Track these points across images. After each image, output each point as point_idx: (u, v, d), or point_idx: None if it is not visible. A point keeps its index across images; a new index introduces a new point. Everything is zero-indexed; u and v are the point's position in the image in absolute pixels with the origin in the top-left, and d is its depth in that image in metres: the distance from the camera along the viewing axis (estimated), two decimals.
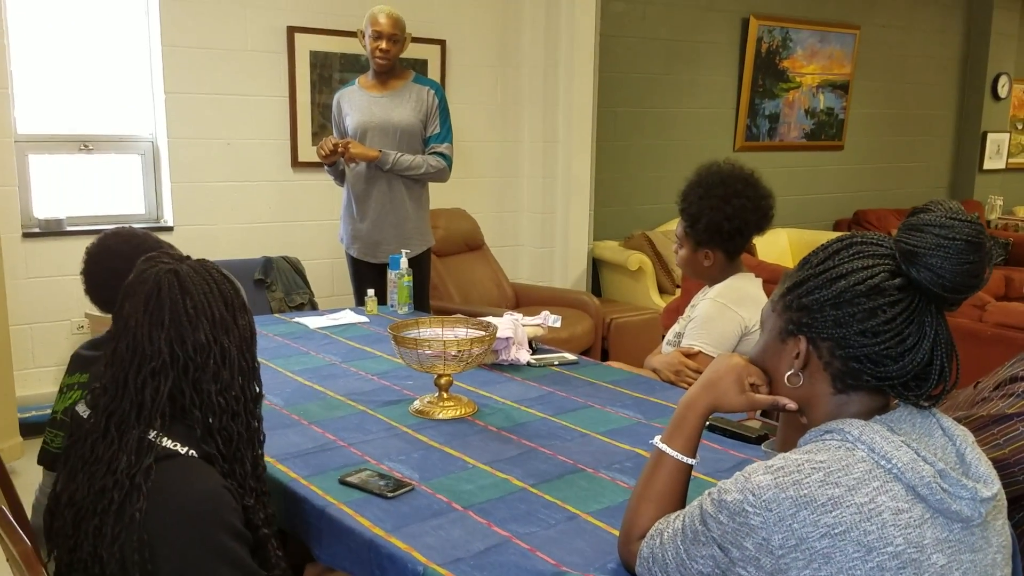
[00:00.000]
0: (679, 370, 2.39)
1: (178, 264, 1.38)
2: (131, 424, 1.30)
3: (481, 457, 1.80)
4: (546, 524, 1.49)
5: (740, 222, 2.36)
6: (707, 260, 2.44)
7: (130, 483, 1.25)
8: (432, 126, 3.71)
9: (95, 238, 2.00)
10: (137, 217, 4.32)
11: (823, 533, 1.03)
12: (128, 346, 1.32)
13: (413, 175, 3.67)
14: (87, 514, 1.27)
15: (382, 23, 3.56)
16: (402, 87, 3.69)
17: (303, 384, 2.32)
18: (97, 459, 1.30)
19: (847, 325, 1.12)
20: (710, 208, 2.35)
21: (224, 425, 1.35)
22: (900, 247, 1.12)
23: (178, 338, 1.32)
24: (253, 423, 1.42)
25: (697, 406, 1.28)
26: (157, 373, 1.31)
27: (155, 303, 1.33)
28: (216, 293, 1.37)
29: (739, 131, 6.36)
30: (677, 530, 1.16)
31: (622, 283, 5.47)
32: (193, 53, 4.19)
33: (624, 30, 5.66)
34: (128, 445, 1.28)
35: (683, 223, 2.45)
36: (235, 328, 1.39)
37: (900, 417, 1.14)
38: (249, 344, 1.43)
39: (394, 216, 3.71)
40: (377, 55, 3.59)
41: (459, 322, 2.30)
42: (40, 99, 4.06)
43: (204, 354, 1.33)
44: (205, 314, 1.34)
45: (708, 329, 2.37)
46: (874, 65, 7.07)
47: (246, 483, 1.37)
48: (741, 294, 2.39)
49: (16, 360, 3.68)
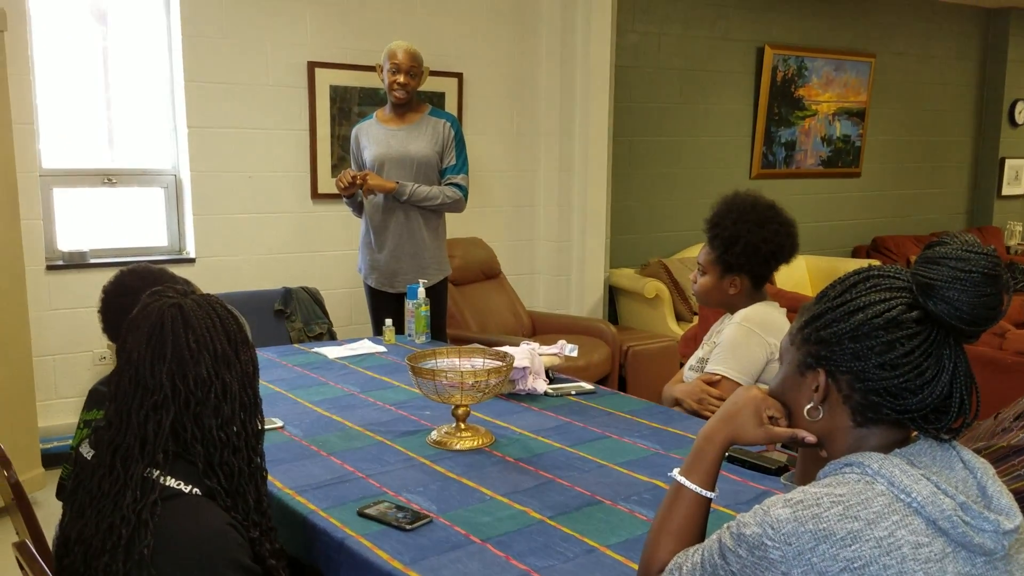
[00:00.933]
0: (701, 399, 2.37)
1: (182, 298, 1.38)
2: (135, 458, 1.30)
3: (499, 488, 1.80)
4: (564, 557, 1.48)
5: (775, 246, 2.36)
6: (733, 288, 2.42)
7: (136, 519, 1.25)
8: (448, 158, 3.75)
9: (112, 276, 2.01)
10: (160, 249, 4.37)
11: (842, 567, 1.02)
12: (131, 379, 1.33)
13: (430, 206, 3.71)
14: (97, 552, 1.28)
15: (400, 58, 3.61)
16: (419, 120, 3.74)
17: (322, 415, 2.33)
18: (104, 495, 1.30)
19: (866, 358, 1.12)
20: (747, 231, 2.34)
21: (225, 460, 1.35)
22: (917, 280, 1.12)
23: (180, 372, 1.32)
24: (255, 459, 1.41)
25: (716, 439, 1.28)
26: (159, 407, 1.31)
27: (158, 337, 1.33)
28: (219, 328, 1.37)
29: (755, 159, 6.37)
30: (696, 564, 1.16)
31: (639, 311, 5.47)
32: (215, 88, 4.26)
33: (639, 60, 5.71)
34: (133, 480, 1.28)
35: (714, 249, 2.41)
36: (237, 363, 1.39)
37: (920, 450, 1.13)
38: (251, 379, 1.42)
39: (411, 246, 3.74)
40: (395, 88, 3.64)
41: (476, 352, 2.31)
42: (64, 134, 4.13)
43: (205, 388, 1.34)
44: (207, 348, 1.35)
45: (734, 354, 2.35)
46: (890, 92, 7.07)
47: (249, 518, 1.37)
48: (768, 319, 2.37)
49: (39, 391, 3.72)
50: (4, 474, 1.73)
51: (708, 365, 2.42)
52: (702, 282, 2.47)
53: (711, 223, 2.42)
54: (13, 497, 1.73)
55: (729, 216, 2.38)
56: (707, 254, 2.44)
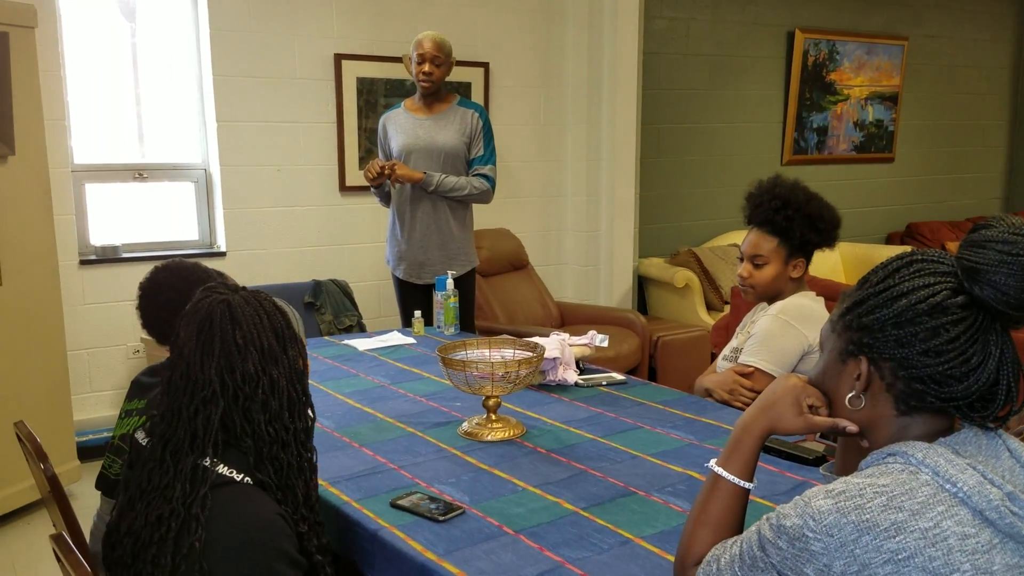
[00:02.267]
0: (733, 389, 2.34)
1: (231, 295, 1.40)
2: (185, 452, 1.31)
3: (531, 480, 1.79)
4: (599, 549, 1.47)
5: (828, 214, 2.37)
6: (797, 270, 2.39)
7: (186, 512, 1.26)
8: (476, 148, 3.73)
9: (147, 273, 2.03)
10: (191, 243, 4.40)
11: (886, 559, 1.00)
12: (182, 375, 1.35)
13: (457, 196, 3.70)
14: (145, 543, 1.29)
15: (426, 47, 3.60)
16: (447, 110, 3.72)
17: (353, 406, 2.34)
18: (153, 487, 1.32)
19: (909, 345, 1.09)
20: (802, 205, 2.33)
21: (275, 455, 1.36)
22: (962, 264, 1.09)
23: (228, 367, 1.34)
24: (305, 454, 1.43)
25: (754, 429, 1.25)
26: (208, 402, 1.32)
27: (207, 333, 1.35)
28: (266, 324, 1.39)
29: (787, 145, 6.29)
30: (735, 556, 1.14)
31: (669, 300, 5.42)
32: (243, 82, 4.28)
33: (667, 47, 5.65)
34: (183, 473, 1.30)
35: (775, 234, 2.35)
36: (284, 359, 1.40)
37: (965, 439, 1.10)
38: (300, 375, 1.43)
39: (439, 237, 3.73)
40: (421, 78, 3.63)
41: (506, 343, 2.30)
42: (96, 129, 4.17)
43: (253, 384, 1.35)
44: (254, 344, 1.36)
45: (768, 346, 2.32)
46: (923, 76, 6.95)
47: (298, 511, 1.38)
48: (805, 311, 2.34)
49: (74, 385, 3.77)
50: (41, 467, 1.75)
51: (742, 356, 2.38)
52: (764, 273, 2.38)
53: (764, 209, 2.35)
54: (50, 490, 1.75)
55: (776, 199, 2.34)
56: (767, 242, 2.37)
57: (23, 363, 3.35)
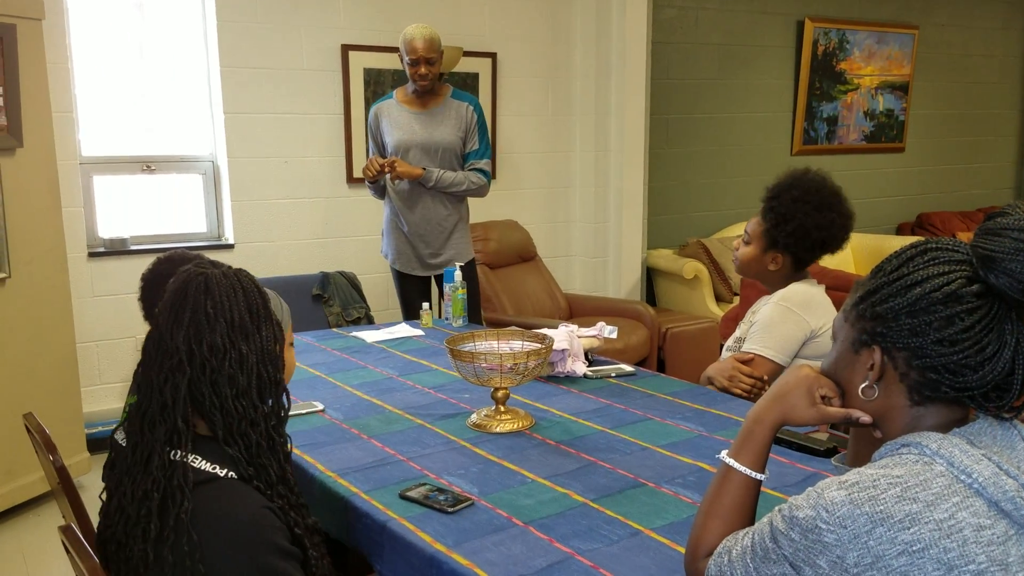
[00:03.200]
0: (732, 376, 2.33)
1: (211, 269, 1.40)
2: (157, 422, 1.31)
3: (540, 471, 1.78)
4: (608, 540, 1.46)
5: (827, 235, 2.30)
6: (773, 264, 2.38)
7: (167, 482, 1.26)
8: (471, 142, 3.72)
9: (149, 265, 2.03)
10: (199, 235, 4.40)
11: (901, 551, 0.99)
12: (154, 343, 1.35)
13: (455, 192, 3.70)
14: (133, 519, 1.29)
15: (419, 48, 3.54)
16: (441, 103, 3.70)
17: (362, 398, 2.33)
18: (136, 462, 1.32)
19: (923, 334, 1.08)
20: (803, 213, 2.28)
21: (243, 431, 1.34)
22: (977, 252, 1.07)
23: (196, 336, 1.33)
24: (276, 437, 1.40)
25: (766, 419, 1.24)
26: (175, 370, 1.32)
27: (180, 303, 1.34)
28: (240, 298, 1.37)
29: (796, 135, 6.25)
30: (746, 547, 1.13)
31: (677, 292, 5.41)
32: (251, 74, 4.27)
33: (676, 36, 5.62)
34: (159, 443, 1.30)
35: (765, 221, 2.35)
36: (257, 336, 1.38)
37: (980, 429, 1.09)
38: (273, 358, 1.41)
39: (437, 229, 3.74)
40: (417, 79, 3.61)
41: (515, 335, 2.29)
42: (103, 122, 4.17)
43: (219, 356, 1.33)
44: (224, 315, 1.35)
45: (770, 333, 2.31)
46: (934, 65, 6.89)
47: (274, 488, 1.36)
48: (806, 297, 2.33)
49: (83, 377, 3.78)
50: (50, 458, 1.75)
51: (744, 344, 2.38)
52: (744, 251, 2.43)
53: (770, 194, 2.35)
54: (59, 481, 1.75)
55: (791, 192, 2.31)
56: (757, 224, 2.39)
57: (33, 355, 3.35)
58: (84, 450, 3.60)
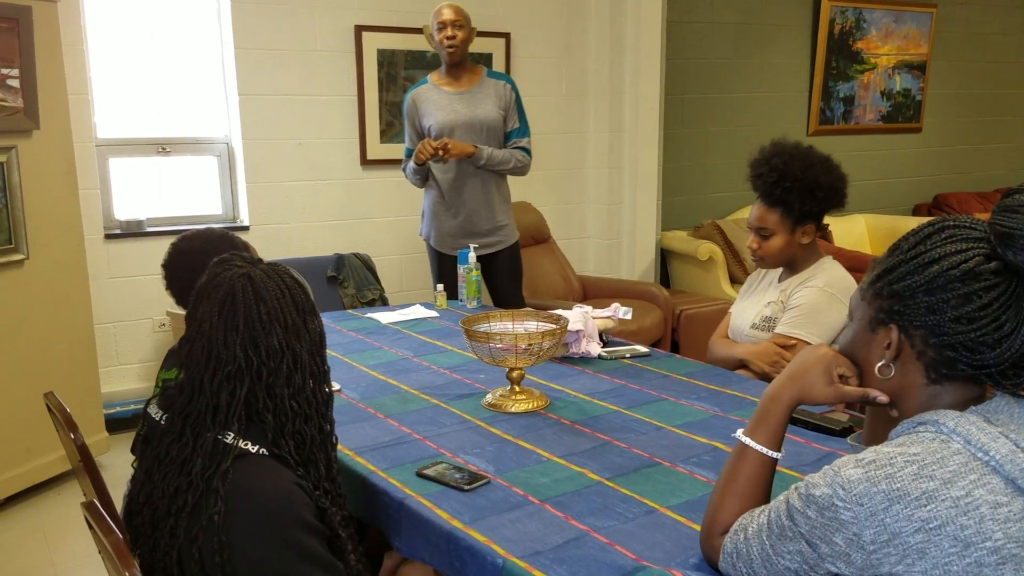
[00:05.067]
0: (776, 361, 2.32)
1: (251, 268, 1.39)
2: (206, 427, 1.31)
3: (555, 450, 1.79)
4: (624, 518, 1.47)
5: (844, 184, 2.33)
6: (806, 236, 2.37)
7: (205, 485, 1.27)
8: (512, 121, 3.72)
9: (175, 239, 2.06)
10: (214, 218, 4.42)
11: (917, 528, 0.99)
12: (203, 349, 1.34)
13: (503, 169, 3.70)
14: (163, 514, 1.30)
15: (445, 14, 3.59)
16: (479, 82, 3.69)
17: (377, 378, 2.35)
18: (171, 460, 1.32)
19: (941, 312, 1.07)
20: (823, 172, 2.29)
21: (297, 429, 1.37)
22: (995, 230, 1.07)
23: (252, 343, 1.33)
24: (325, 426, 1.43)
25: (782, 398, 1.24)
26: (232, 377, 1.32)
27: (229, 307, 1.34)
28: (288, 298, 1.38)
29: (812, 115, 6.21)
30: (762, 525, 1.14)
31: (692, 273, 5.39)
32: (264, 55, 4.27)
33: (691, 15, 5.57)
34: (203, 447, 1.30)
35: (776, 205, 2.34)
36: (306, 332, 1.40)
37: (997, 407, 1.09)
38: (319, 347, 1.43)
39: (486, 211, 3.73)
40: (445, 43, 3.60)
41: (529, 316, 2.30)
42: (118, 104, 4.18)
43: (277, 359, 1.35)
44: (278, 319, 1.35)
45: (814, 319, 2.30)
46: (952, 44, 6.81)
47: (320, 485, 1.38)
48: (847, 285, 2.33)
49: (101, 358, 3.81)
50: (71, 437, 1.77)
51: (784, 327, 2.36)
52: (772, 243, 2.38)
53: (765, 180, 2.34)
54: (80, 459, 1.77)
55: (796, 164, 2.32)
56: (768, 214, 2.37)
57: (51, 336, 3.39)
58: (103, 430, 3.64)
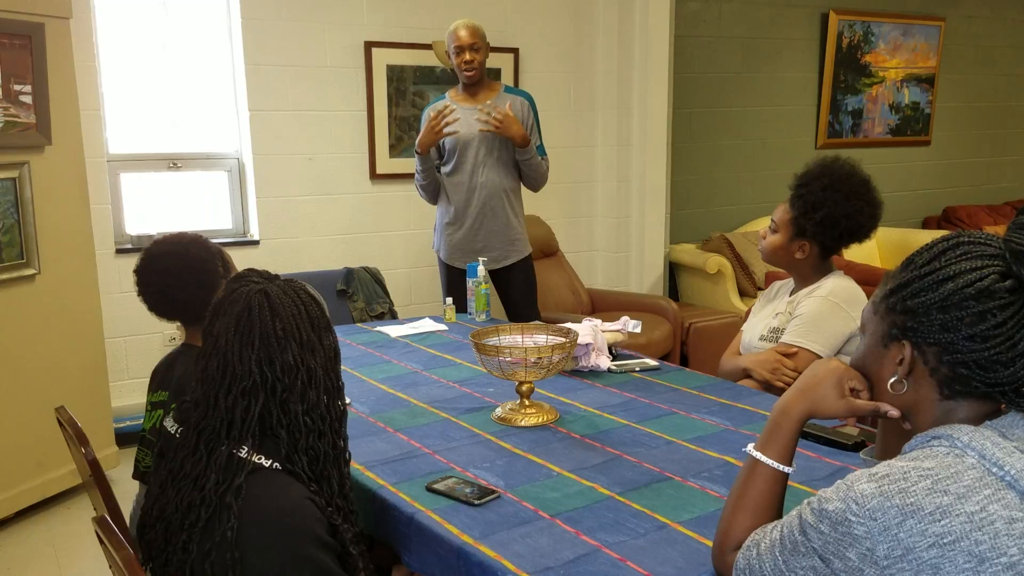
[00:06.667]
0: (775, 368, 2.31)
1: (268, 284, 1.39)
2: (221, 441, 1.32)
3: (565, 465, 1.79)
4: (635, 533, 1.46)
5: (855, 224, 2.30)
6: (800, 252, 2.37)
7: (218, 501, 1.27)
8: (532, 137, 3.71)
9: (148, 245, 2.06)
10: (225, 232, 4.44)
11: (931, 543, 0.98)
12: (219, 365, 1.34)
13: (536, 170, 3.71)
14: (176, 529, 1.30)
15: (463, 36, 3.59)
16: (496, 98, 3.70)
17: (387, 392, 2.35)
18: (185, 475, 1.33)
19: (955, 330, 1.07)
20: (832, 201, 2.27)
21: (311, 444, 1.37)
22: (1010, 247, 1.06)
23: (267, 359, 1.34)
24: (339, 442, 1.43)
25: (793, 412, 1.24)
26: (248, 393, 1.33)
27: (245, 323, 1.34)
28: (304, 315, 1.39)
29: (821, 128, 6.21)
30: (775, 540, 1.13)
31: (701, 287, 5.38)
32: (275, 71, 4.30)
33: (699, 29, 5.59)
34: (217, 462, 1.30)
35: (793, 209, 2.35)
36: (321, 349, 1.40)
37: (1012, 422, 1.08)
38: (333, 363, 1.44)
39: (496, 224, 3.73)
40: (463, 67, 3.62)
41: (539, 329, 2.30)
42: (130, 120, 4.21)
43: (292, 375, 1.35)
44: (293, 336, 1.36)
45: (817, 328, 2.30)
46: (961, 57, 6.81)
47: (333, 502, 1.38)
48: (852, 295, 2.33)
49: (111, 372, 3.83)
50: (82, 451, 1.77)
51: (788, 336, 2.36)
52: (772, 239, 2.42)
53: (799, 181, 2.35)
54: (91, 473, 1.77)
55: (820, 180, 2.31)
56: (784, 212, 2.39)
57: (62, 351, 3.40)
58: (113, 444, 3.65)
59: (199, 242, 2.04)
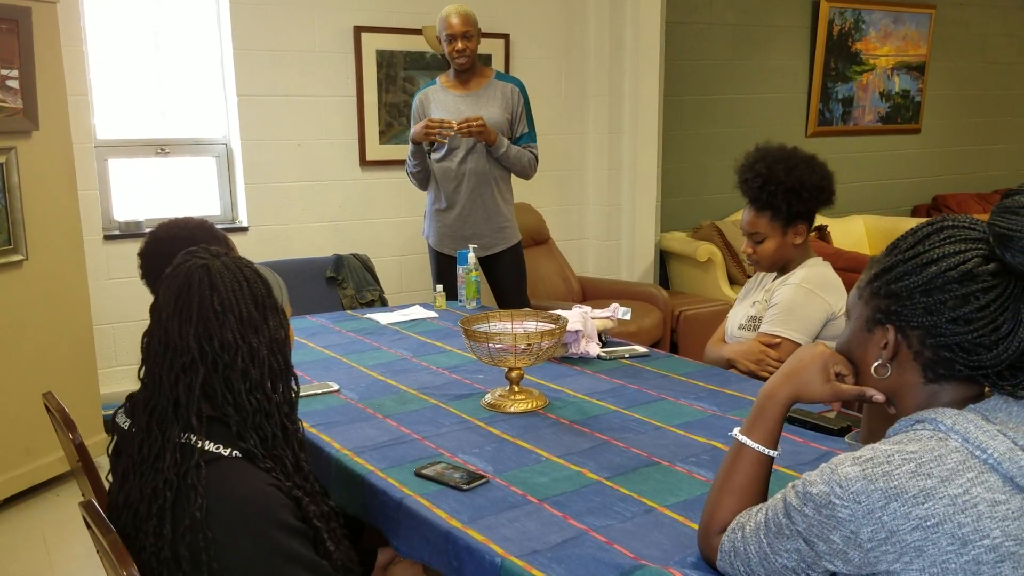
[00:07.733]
0: (760, 360, 2.33)
1: (211, 260, 1.37)
2: (170, 420, 1.30)
3: (554, 450, 1.79)
4: (623, 517, 1.47)
5: (830, 182, 2.34)
6: (799, 237, 2.39)
7: (179, 481, 1.26)
8: (520, 126, 3.70)
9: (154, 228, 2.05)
10: (213, 218, 4.41)
11: (915, 526, 0.99)
12: (160, 340, 1.33)
13: (515, 166, 3.70)
14: (144, 516, 1.29)
15: (454, 24, 3.56)
16: (486, 84, 3.69)
17: (376, 379, 2.35)
18: (144, 459, 1.31)
19: (938, 313, 1.07)
20: (807, 172, 2.31)
21: (258, 424, 1.34)
22: (994, 231, 1.07)
23: (205, 334, 1.31)
24: (289, 425, 1.41)
25: (778, 397, 1.24)
26: (187, 369, 1.31)
27: (184, 298, 1.33)
28: (246, 292, 1.36)
29: (811, 116, 6.21)
30: (760, 523, 1.14)
31: (691, 275, 5.40)
32: (263, 56, 4.28)
33: (690, 16, 5.58)
34: (171, 443, 1.29)
35: (764, 210, 2.37)
36: (265, 328, 1.37)
37: (995, 405, 1.09)
38: (281, 345, 1.41)
39: (485, 211, 3.72)
40: (455, 55, 3.60)
41: (529, 316, 2.30)
42: (118, 105, 4.18)
43: (232, 352, 1.32)
44: (232, 312, 1.33)
45: (794, 315, 2.32)
46: (951, 45, 6.82)
47: (291, 479, 1.36)
48: (825, 279, 2.35)
49: (100, 359, 3.81)
50: (69, 436, 1.77)
51: (766, 326, 2.38)
52: (766, 246, 2.40)
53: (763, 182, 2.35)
54: (78, 459, 1.77)
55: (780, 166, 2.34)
56: (759, 219, 2.39)
57: (50, 337, 3.39)
58: (102, 431, 3.64)
59: (205, 227, 2.03)
